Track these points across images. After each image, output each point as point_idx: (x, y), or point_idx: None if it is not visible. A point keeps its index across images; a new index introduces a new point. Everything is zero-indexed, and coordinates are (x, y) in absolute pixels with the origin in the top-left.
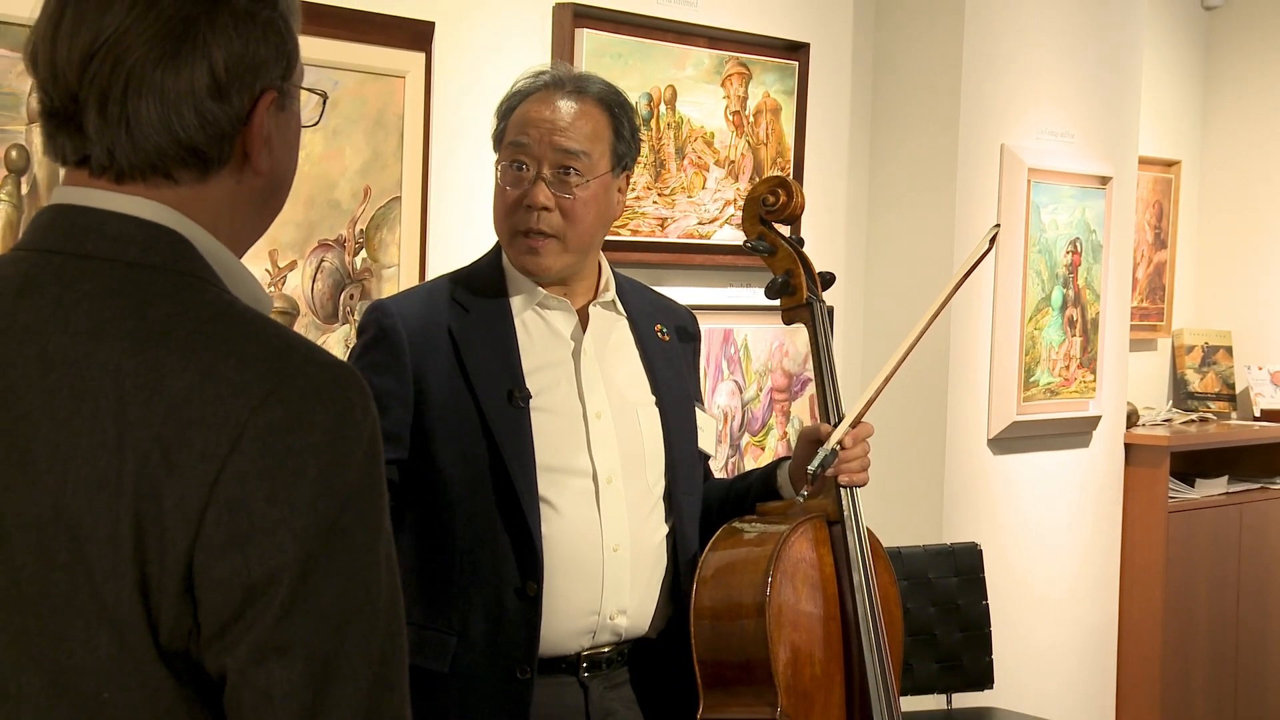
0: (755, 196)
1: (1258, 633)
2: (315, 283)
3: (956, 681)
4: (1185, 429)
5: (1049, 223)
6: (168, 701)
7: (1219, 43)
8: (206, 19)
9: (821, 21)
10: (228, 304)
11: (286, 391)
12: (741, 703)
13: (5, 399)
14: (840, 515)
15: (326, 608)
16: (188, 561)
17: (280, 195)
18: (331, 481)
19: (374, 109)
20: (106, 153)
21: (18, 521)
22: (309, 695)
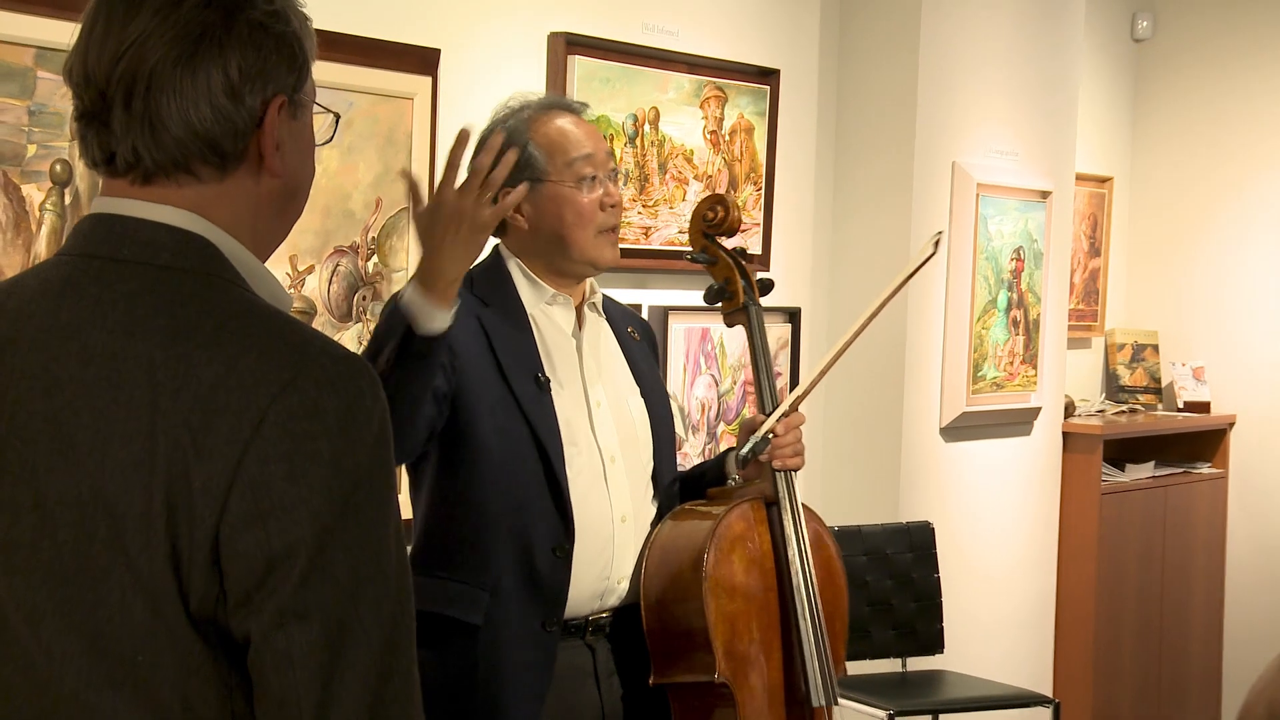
0: (698, 214)
1: (1181, 603)
2: (331, 285)
3: (911, 647)
4: (1116, 419)
5: (995, 232)
6: (197, 663)
7: (1146, 72)
8: (223, 27)
9: (791, 50)
10: (250, 303)
11: (303, 382)
12: (685, 668)
13: (49, 389)
14: (776, 496)
15: (341, 576)
16: (214, 535)
17: (297, 200)
18: (344, 463)
19: (385, 128)
20: (131, 149)
21: (61, 500)
22: (325, 656)
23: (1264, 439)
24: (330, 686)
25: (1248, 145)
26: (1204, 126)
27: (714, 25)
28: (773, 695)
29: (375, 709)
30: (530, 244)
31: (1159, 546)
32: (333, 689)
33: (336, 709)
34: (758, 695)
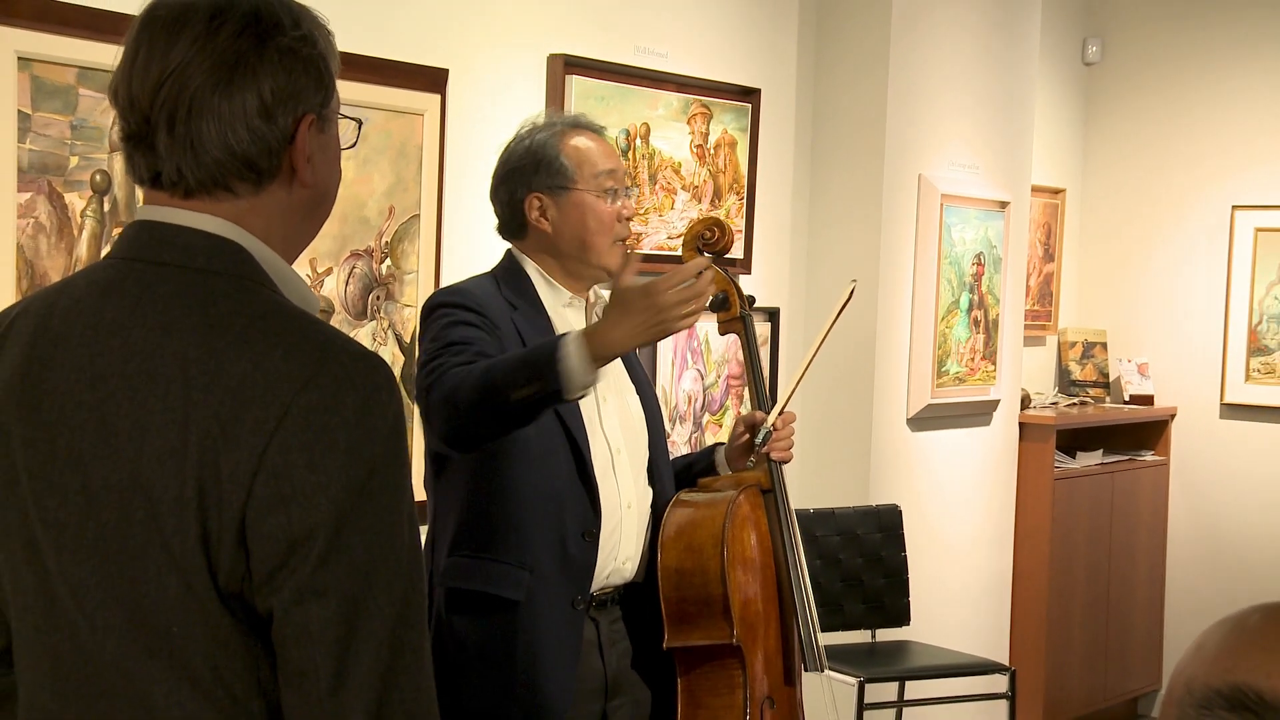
0: (695, 233)
1: (1125, 578)
2: (348, 286)
3: (880, 619)
4: (1068, 411)
5: (958, 239)
6: (225, 635)
7: (1096, 93)
8: (255, 54)
9: (771, 71)
10: (277, 304)
11: (323, 378)
12: (702, 633)
13: (94, 382)
14: (772, 484)
15: (356, 558)
16: (241, 519)
17: (325, 206)
18: (360, 452)
19: (397, 141)
20: (175, 169)
21: (104, 484)
22: (342, 630)
23: (1201, 429)
24: (345, 658)
25: (1188, 161)
26: (1148, 143)
27: (700, 48)
28: (771, 661)
29: (387, 679)
30: (551, 246)
31: (1106, 527)
32: (348, 661)
33: (351, 679)
34: (760, 660)
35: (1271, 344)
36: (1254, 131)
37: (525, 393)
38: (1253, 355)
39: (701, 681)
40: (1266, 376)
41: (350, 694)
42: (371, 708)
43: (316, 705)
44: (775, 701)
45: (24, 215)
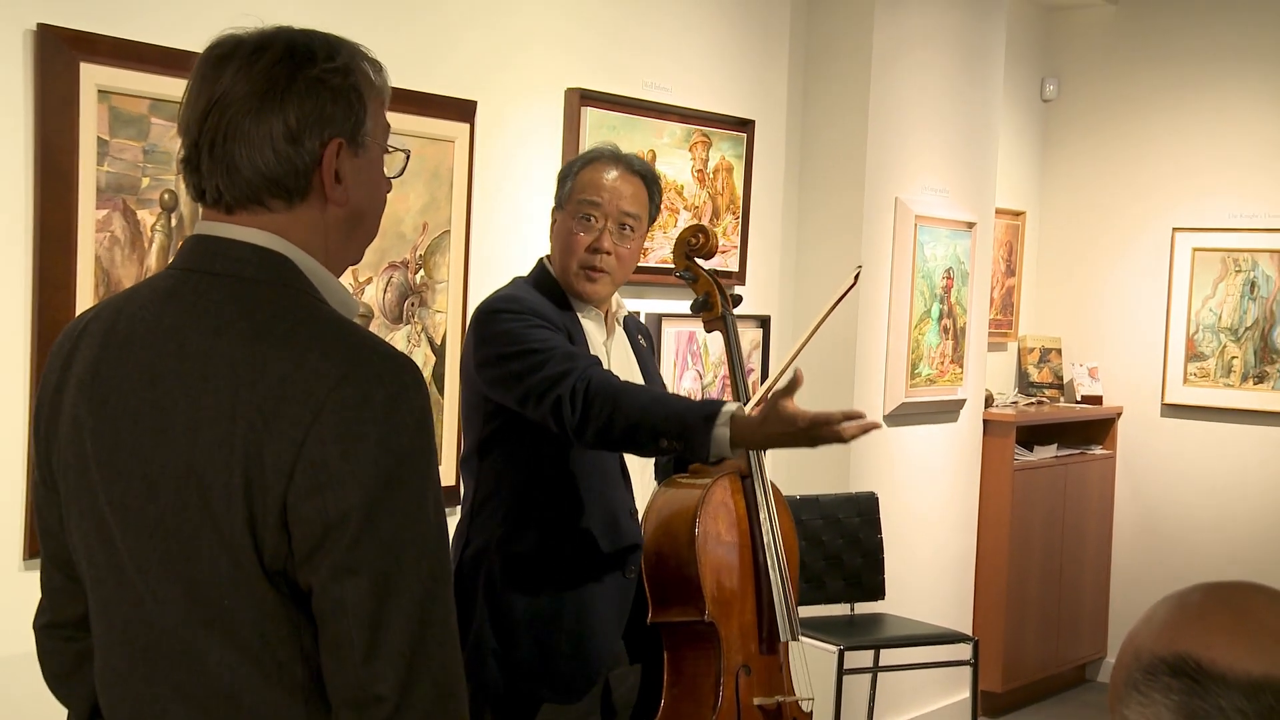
0: (682, 239)
1: (1076, 558)
2: (386, 294)
3: (857, 594)
4: (1027, 409)
5: (930, 256)
6: (271, 607)
7: (1053, 126)
8: (285, 83)
9: (764, 104)
10: (316, 309)
11: (355, 376)
12: (679, 610)
13: (153, 380)
14: (750, 471)
15: (386, 539)
16: (282, 504)
17: (364, 225)
18: (389, 444)
19: (431, 165)
20: (215, 188)
21: (162, 472)
22: (373, 604)
23: (1144, 427)
24: (378, 630)
25: (1134, 188)
26: (1099, 172)
27: (701, 84)
28: (746, 633)
29: (416, 648)
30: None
31: (1059, 513)
32: (380, 632)
33: (383, 648)
34: (735, 632)
35: (1206, 351)
36: (1193, 162)
37: (672, 445)
38: (1190, 361)
39: (682, 653)
40: (1202, 380)
41: (382, 662)
42: (401, 674)
43: (351, 672)
44: (751, 669)
45: (101, 229)
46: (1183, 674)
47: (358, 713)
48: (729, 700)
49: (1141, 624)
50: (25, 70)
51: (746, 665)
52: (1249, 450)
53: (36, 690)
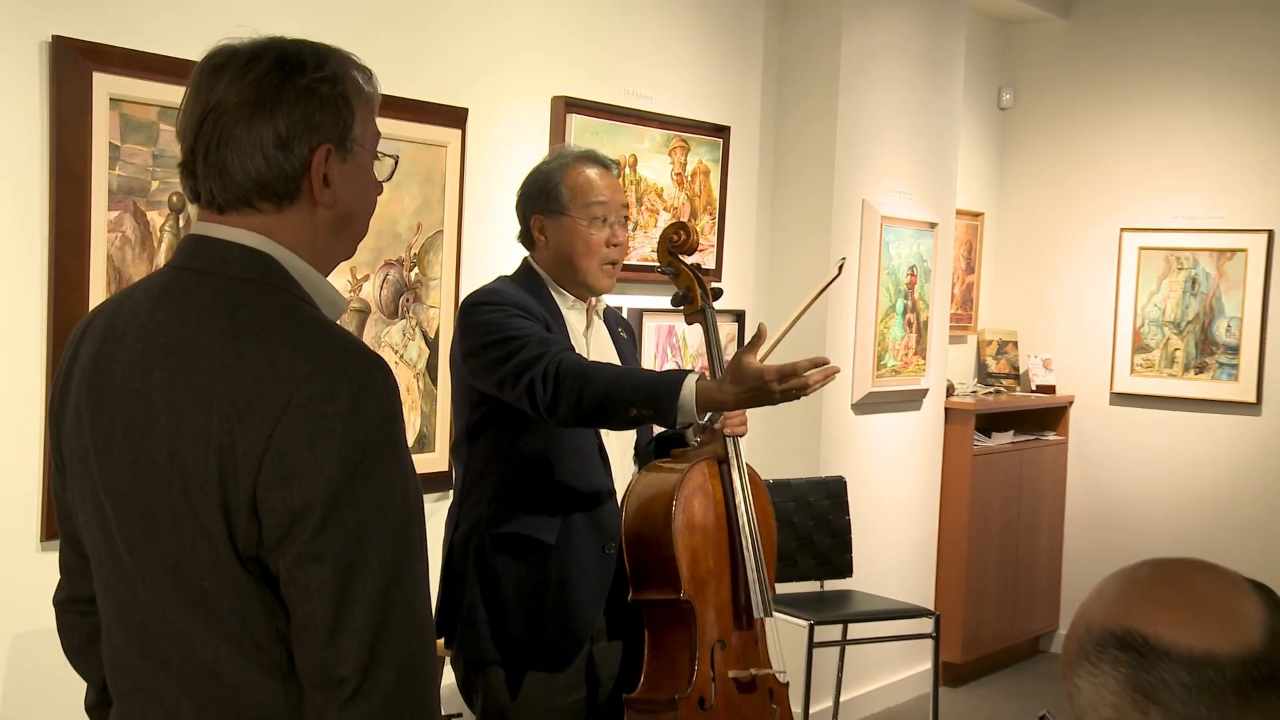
0: (664, 236)
1: (1031, 537)
2: (382, 290)
3: (827, 572)
4: (985, 398)
5: (895, 254)
6: (246, 590)
7: (1009, 133)
8: (275, 92)
9: (739, 111)
10: (295, 307)
11: (322, 372)
12: (657, 589)
13: (143, 373)
14: (726, 456)
15: (350, 528)
16: (253, 494)
17: (353, 227)
18: (354, 437)
19: (424, 169)
20: (209, 190)
21: (150, 460)
22: (336, 590)
23: (1095, 414)
24: (340, 614)
25: (1085, 190)
26: (1052, 175)
27: (680, 92)
28: (722, 610)
29: (378, 632)
30: (549, 262)
31: (1015, 495)
32: (342, 617)
33: (345, 632)
34: (712, 609)
35: (1152, 343)
36: (1140, 167)
37: (642, 413)
38: (1136, 353)
39: (661, 628)
40: (1147, 370)
41: (344, 645)
42: (363, 657)
43: (316, 654)
44: (727, 644)
45: (113, 230)
46: (1130, 648)
47: (323, 693)
48: (704, 673)
49: (1092, 598)
50: (41, 79)
51: (722, 640)
52: (1191, 436)
53: (54, 663)
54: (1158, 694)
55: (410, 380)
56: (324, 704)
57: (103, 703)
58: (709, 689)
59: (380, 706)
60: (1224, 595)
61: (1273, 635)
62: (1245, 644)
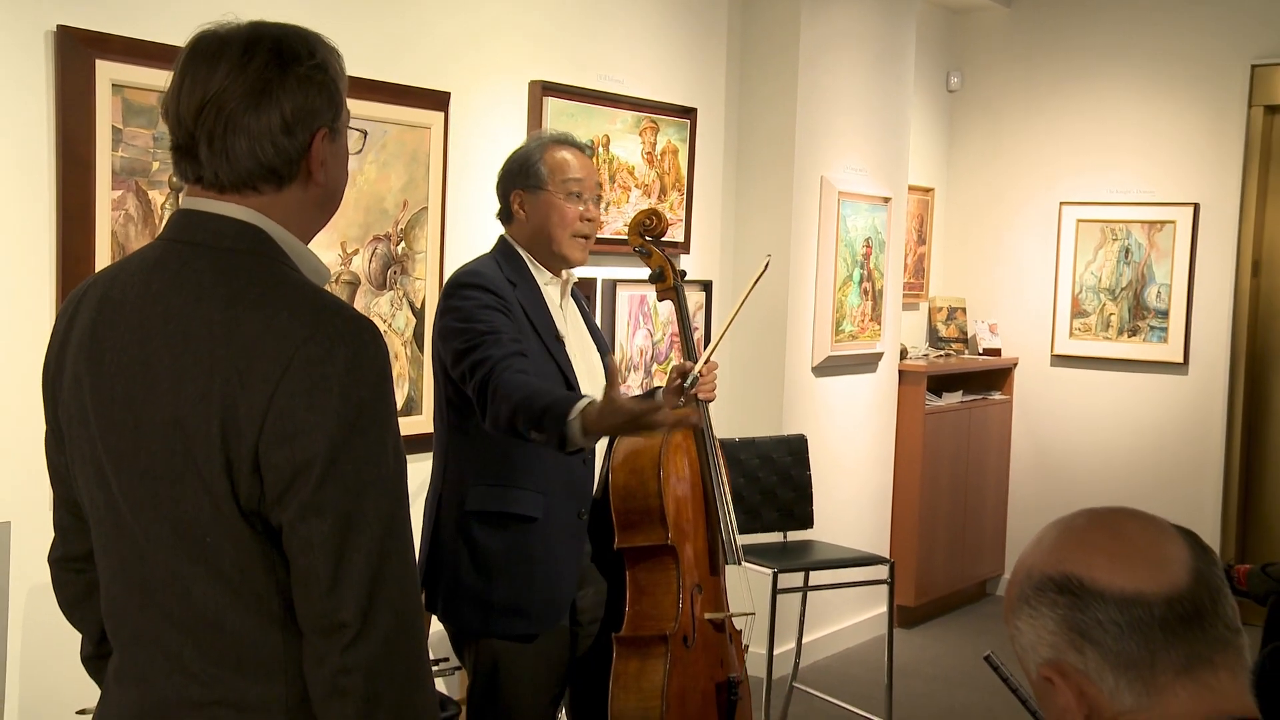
0: (637, 220)
1: (979, 489)
2: (371, 263)
3: (790, 524)
4: (936, 361)
5: (851, 227)
6: (247, 544)
7: (958, 114)
8: (278, 81)
9: (705, 94)
10: (287, 276)
11: (320, 335)
12: (644, 536)
13: (142, 340)
14: (701, 422)
15: (348, 481)
16: (255, 451)
17: (335, 200)
18: (350, 396)
19: (409, 149)
20: (214, 174)
21: (151, 422)
22: (336, 540)
23: (1037, 375)
24: (340, 564)
25: (1027, 167)
26: (997, 153)
27: (649, 76)
28: (699, 557)
29: (376, 579)
30: (527, 236)
31: (964, 450)
32: (342, 566)
33: (345, 580)
34: (690, 556)
35: (1089, 309)
36: (1077, 146)
37: (540, 437)
38: (1075, 317)
39: (645, 574)
40: (1085, 334)
41: (344, 592)
42: (362, 603)
43: (318, 602)
44: (703, 588)
45: (117, 208)
46: (1067, 591)
47: (325, 638)
48: (686, 614)
49: (1032, 546)
50: (47, 67)
51: (699, 585)
52: (1125, 394)
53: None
54: (1092, 632)
55: (398, 348)
56: (326, 648)
57: (98, 654)
58: (690, 628)
59: (379, 648)
60: (1152, 540)
61: (1197, 576)
62: (1171, 584)
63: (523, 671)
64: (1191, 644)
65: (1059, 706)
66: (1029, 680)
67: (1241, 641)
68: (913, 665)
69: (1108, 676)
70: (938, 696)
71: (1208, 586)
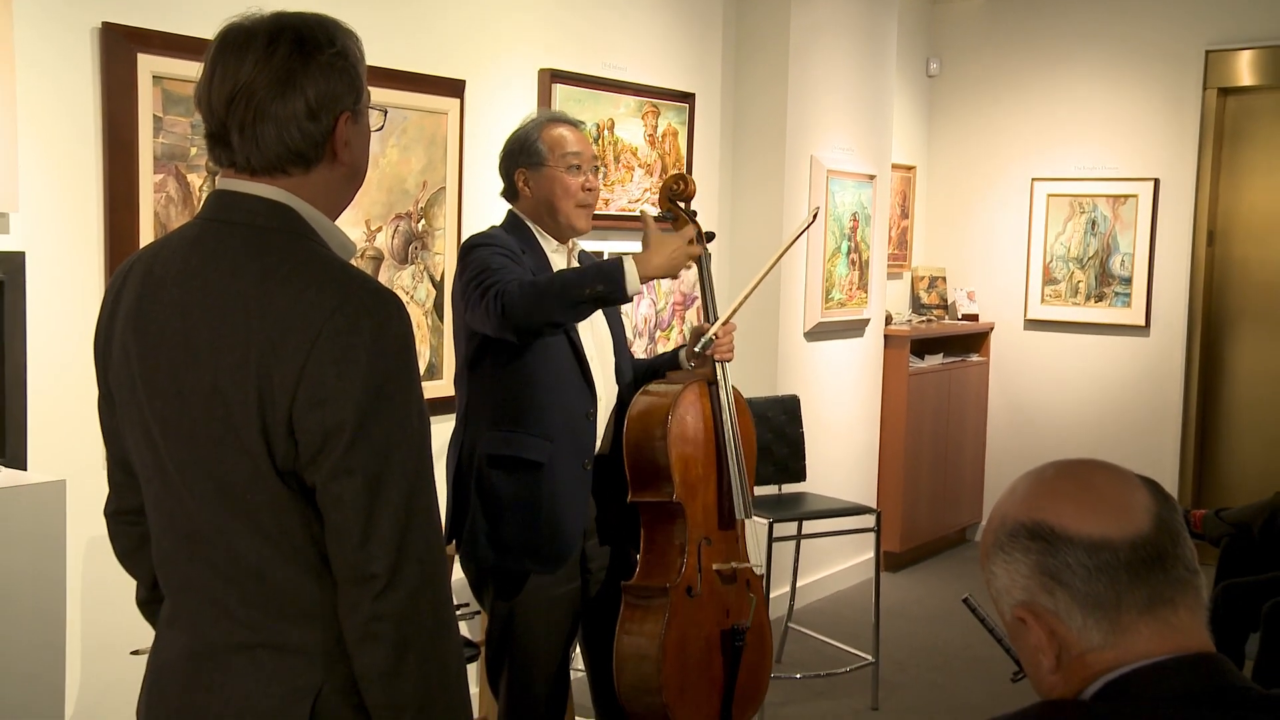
0: (666, 185)
1: (958, 444)
2: (394, 239)
3: (784, 477)
4: (919, 326)
5: (839, 203)
6: (284, 501)
7: (937, 97)
8: (302, 69)
9: (702, 80)
10: (316, 252)
11: (346, 307)
12: (653, 492)
13: (182, 313)
14: (715, 379)
15: (375, 444)
16: (289, 416)
17: (359, 179)
18: (376, 365)
19: (428, 134)
20: (245, 159)
21: (193, 389)
22: (367, 498)
23: (1011, 338)
24: (370, 520)
25: (1001, 146)
26: (973, 133)
27: (651, 64)
28: (709, 511)
29: (403, 534)
30: (533, 209)
31: (945, 409)
32: (372, 522)
33: (375, 535)
34: (699, 510)
35: (1059, 276)
36: (1047, 126)
37: (597, 290)
38: (1046, 284)
39: (656, 526)
40: (1055, 300)
41: (374, 546)
42: (391, 556)
43: (350, 555)
44: (712, 540)
45: (159, 191)
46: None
47: (357, 588)
48: (692, 565)
49: (1006, 495)
50: (93, 61)
51: (708, 537)
52: (1092, 355)
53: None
54: (1062, 575)
55: (420, 318)
56: (358, 597)
57: (152, 599)
58: (695, 579)
59: (407, 597)
60: (1118, 489)
61: (1159, 522)
62: (1136, 530)
63: (538, 613)
64: (1154, 585)
65: (1031, 645)
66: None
67: (1199, 582)
68: (898, 606)
69: (1076, 616)
70: (921, 635)
71: (1169, 531)
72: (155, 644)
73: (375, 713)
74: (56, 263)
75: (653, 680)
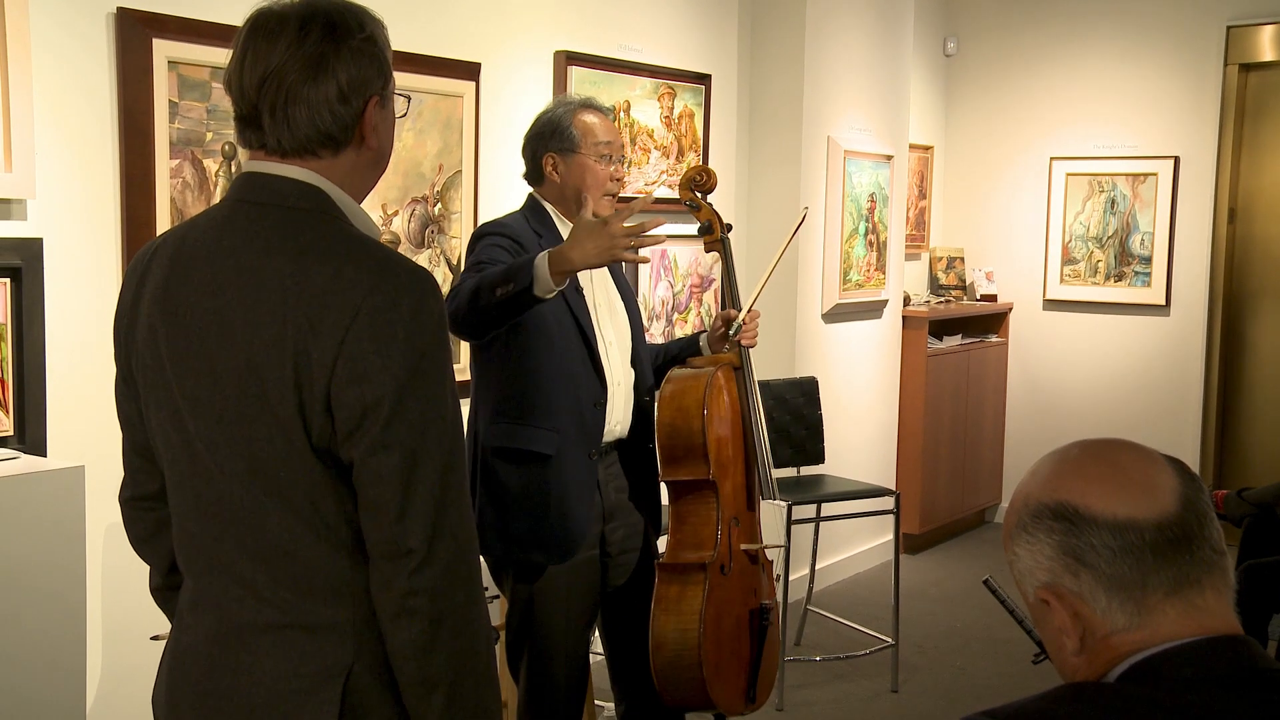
0: (688, 176)
1: (977, 425)
2: (410, 223)
3: (802, 459)
4: (938, 307)
5: (857, 183)
6: (318, 478)
7: (954, 77)
8: (333, 54)
9: (719, 61)
10: (348, 232)
11: (385, 286)
12: (687, 471)
13: (215, 292)
14: (741, 363)
15: (413, 420)
16: (326, 393)
17: (384, 162)
18: (414, 342)
19: (444, 117)
20: (276, 141)
21: (226, 368)
22: (404, 474)
23: (1030, 318)
24: (407, 495)
25: (1019, 125)
26: (992, 113)
27: (667, 45)
28: (737, 491)
29: (439, 510)
30: (559, 194)
31: (964, 389)
32: (408, 496)
33: (411, 509)
34: (729, 490)
35: (1078, 256)
36: (1065, 105)
37: (505, 290)
38: (1065, 264)
39: (687, 505)
40: (1074, 280)
41: (411, 521)
42: (427, 531)
43: (387, 530)
44: (739, 521)
45: (175, 176)
46: (1062, 517)
47: (392, 563)
48: (725, 543)
49: (1029, 476)
50: (109, 47)
51: (736, 518)
52: (1112, 335)
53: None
54: (1086, 556)
55: None
56: (393, 573)
57: (167, 585)
58: (728, 557)
59: (441, 572)
60: (1143, 469)
61: (1185, 502)
62: (1162, 510)
63: (555, 599)
64: (1180, 566)
65: (1055, 627)
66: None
67: (1226, 563)
68: (918, 588)
69: (1101, 598)
70: (940, 617)
71: (1195, 512)
72: (175, 629)
73: (407, 689)
74: (74, 249)
75: (692, 655)
